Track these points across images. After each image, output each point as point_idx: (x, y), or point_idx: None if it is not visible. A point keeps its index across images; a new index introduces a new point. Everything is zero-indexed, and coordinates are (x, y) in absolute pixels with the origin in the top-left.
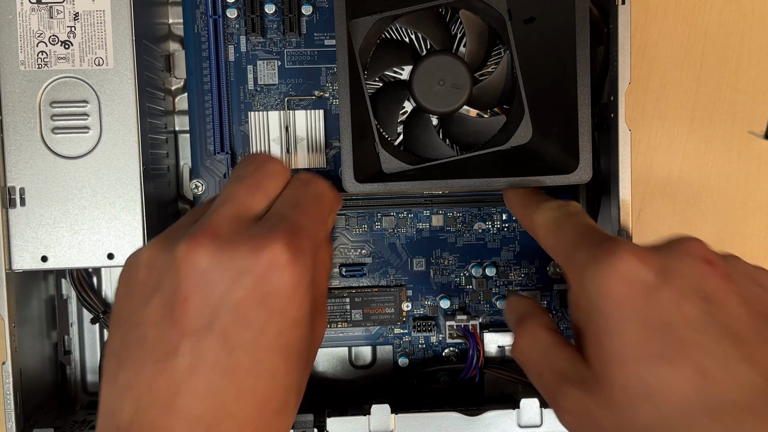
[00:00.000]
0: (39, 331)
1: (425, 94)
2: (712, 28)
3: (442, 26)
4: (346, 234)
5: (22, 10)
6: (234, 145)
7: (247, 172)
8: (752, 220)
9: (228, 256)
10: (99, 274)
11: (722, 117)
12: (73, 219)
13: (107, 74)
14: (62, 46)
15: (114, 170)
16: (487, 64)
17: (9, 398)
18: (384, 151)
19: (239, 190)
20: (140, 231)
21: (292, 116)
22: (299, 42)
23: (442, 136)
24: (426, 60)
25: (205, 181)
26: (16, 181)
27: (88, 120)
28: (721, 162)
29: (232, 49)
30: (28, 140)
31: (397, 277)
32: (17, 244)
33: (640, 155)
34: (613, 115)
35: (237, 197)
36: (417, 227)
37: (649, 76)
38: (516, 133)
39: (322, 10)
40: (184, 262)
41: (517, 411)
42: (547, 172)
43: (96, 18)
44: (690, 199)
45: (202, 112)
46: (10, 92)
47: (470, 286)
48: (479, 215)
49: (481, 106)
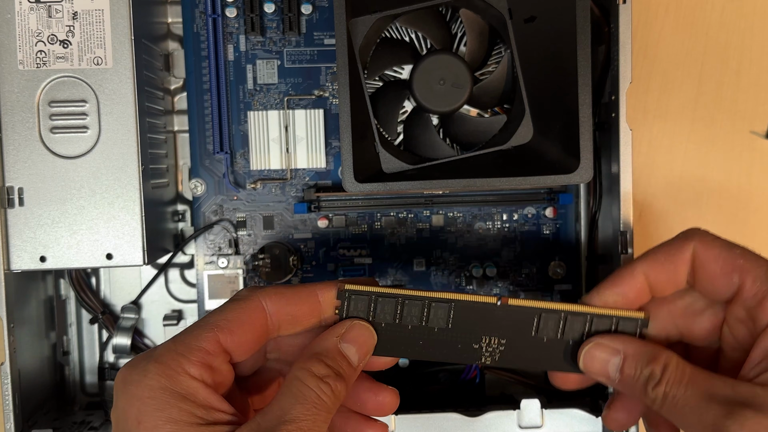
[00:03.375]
0: (37, 331)
1: (425, 93)
2: (713, 27)
3: (443, 25)
4: (347, 234)
5: (21, 9)
6: (233, 145)
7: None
8: (754, 220)
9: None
10: (98, 275)
11: (724, 116)
12: (72, 219)
13: (106, 74)
14: (61, 45)
15: (113, 170)
16: (487, 63)
17: (8, 399)
18: (384, 150)
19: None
20: (139, 231)
21: (292, 116)
22: (299, 41)
23: (442, 135)
24: (426, 59)
25: (204, 181)
26: (15, 181)
27: (86, 119)
28: (723, 161)
29: (231, 49)
30: (26, 140)
31: (397, 277)
32: (15, 244)
33: (641, 155)
34: (614, 114)
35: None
36: (417, 227)
37: (651, 75)
38: (516, 132)
39: (321, 9)
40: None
41: (518, 412)
42: (547, 171)
43: (95, 17)
44: (691, 198)
45: (202, 111)
46: (8, 92)
47: (470, 287)
48: (479, 215)
49: (482, 106)
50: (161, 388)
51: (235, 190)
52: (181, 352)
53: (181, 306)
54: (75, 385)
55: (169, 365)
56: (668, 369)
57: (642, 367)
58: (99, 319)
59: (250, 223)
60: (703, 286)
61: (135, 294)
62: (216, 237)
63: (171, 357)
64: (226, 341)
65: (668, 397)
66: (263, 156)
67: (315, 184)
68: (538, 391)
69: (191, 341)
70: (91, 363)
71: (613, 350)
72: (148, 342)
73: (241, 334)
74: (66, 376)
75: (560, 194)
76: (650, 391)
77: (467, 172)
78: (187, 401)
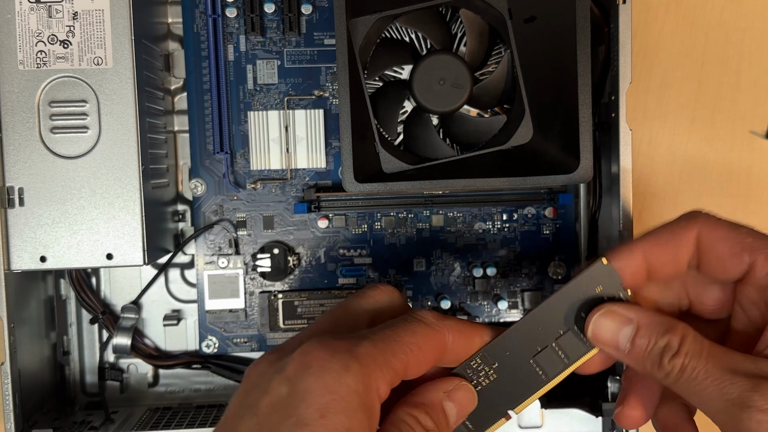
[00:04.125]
0: (38, 331)
1: (425, 93)
2: (713, 27)
3: (443, 25)
4: (347, 234)
5: (21, 9)
6: (233, 145)
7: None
8: (754, 220)
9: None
10: (98, 275)
11: (723, 117)
12: (72, 219)
13: (106, 74)
14: (61, 45)
15: (113, 170)
16: (487, 63)
17: (8, 399)
18: (384, 151)
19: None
20: (139, 231)
21: (292, 116)
22: (299, 41)
23: (442, 135)
24: (426, 59)
25: (204, 181)
26: (15, 181)
27: (87, 120)
28: (723, 162)
29: (231, 49)
30: (26, 140)
31: (397, 277)
32: (16, 245)
33: (641, 155)
34: (614, 114)
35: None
36: (417, 227)
37: (650, 75)
38: (516, 132)
39: (321, 9)
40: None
41: None
42: (547, 171)
43: (95, 17)
44: (691, 198)
45: (202, 111)
46: (8, 92)
47: (470, 287)
48: (479, 215)
49: (482, 106)
50: (357, 393)
51: (235, 190)
52: (380, 364)
53: (182, 306)
54: (75, 385)
55: (369, 374)
56: (686, 340)
57: (657, 338)
58: (99, 319)
59: (250, 223)
60: (710, 267)
61: (135, 294)
62: (216, 237)
63: (372, 366)
64: (409, 367)
65: (686, 369)
66: (263, 156)
67: (315, 184)
68: None
69: (390, 356)
70: (92, 363)
71: (626, 319)
72: (148, 342)
73: (423, 364)
74: (66, 376)
75: (560, 194)
76: (666, 363)
77: (467, 172)
78: (369, 417)
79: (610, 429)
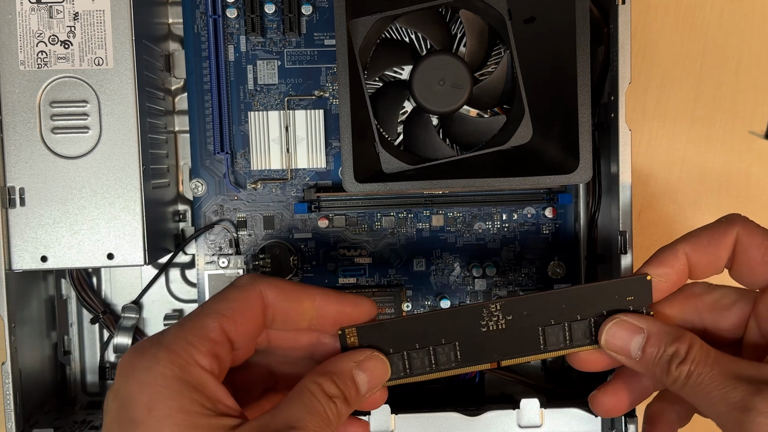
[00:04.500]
0: (39, 331)
1: (425, 93)
2: (712, 27)
3: (442, 26)
4: (346, 234)
5: (22, 9)
6: (234, 145)
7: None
8: (754, 220)
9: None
10: (99, 274)
11: (723, 117)
12: (73, 219)
13: (107, 74)
14: (62, 45)
15: (114, 170)
16: (487, 63)
17: (9, 398)
18: (384, 151)
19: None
20: (140, 231)
21: (292, 116)
22: (299, 42)
23: (442, 136)
24: (426, 60)
25: (204, 181)
26: (16, 181)
27: (87, 120)
28: (722, 162)
29: (231, 49)
30: (27, 140)
31: (397, 277)
32: (17, 244)
33: (640, 155)
34: (614, 115)
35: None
36: (417, 227)
37: (650, 75)
38: (516, 132)
39: (322, 9)
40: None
41: (517, 411)
42: (547, 171)
43: (96, 18)
44: (690, 198)
45: (202, 112)
46: (9, 92)
47: (470, 287)
48: (479, 215)
49: (481, 106)
50: (174, 377)
51: (235, 190)
52: (191, 341)
53: (182, 306)
54: (76, 385)
55: (180, 354)
56: (693, 348)
57: (666, 346)
58: (100, 318)
59: (251, 223)
60: (741, 271)
61: (136, 294)
62: (216, 237)
63: (181, 346)
64: (230, 330)
65: (692, 375)
66: (264, 156)
67: (315, 184)
68: (538, 390)
69: (199, 330)
70: (92, 362)
71: (637, 328)
72: None
73: (243, 323)
74: (67, 375)
75: (559, 194)
76: (674, 369)
77: (467, 172)
78: (197, 392)
79: (610, 429)
